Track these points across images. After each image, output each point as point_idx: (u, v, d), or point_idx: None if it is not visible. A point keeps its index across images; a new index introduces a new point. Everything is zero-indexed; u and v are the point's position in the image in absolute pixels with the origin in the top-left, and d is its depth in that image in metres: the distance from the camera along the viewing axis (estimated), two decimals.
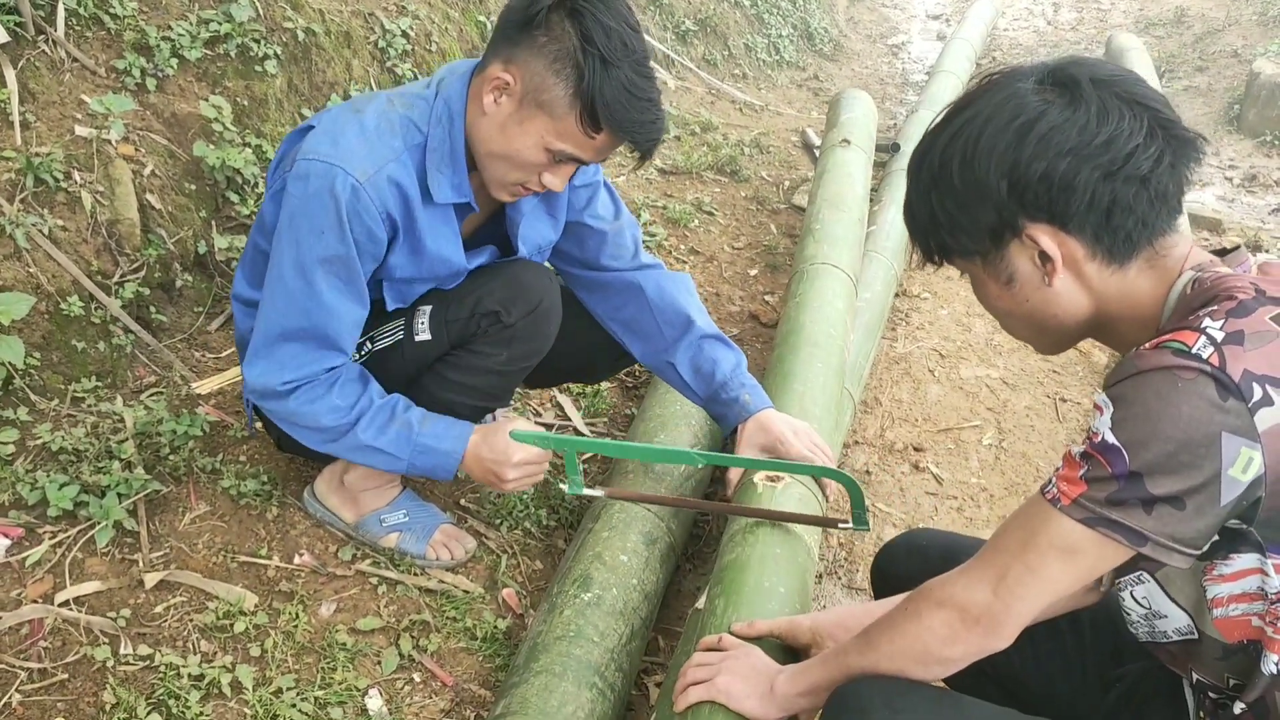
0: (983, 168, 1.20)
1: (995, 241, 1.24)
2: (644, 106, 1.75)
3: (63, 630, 1.91)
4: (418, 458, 1.97)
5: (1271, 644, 1.16)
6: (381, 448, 1.94)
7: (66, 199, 2.49)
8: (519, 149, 1.79)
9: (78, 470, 2.16)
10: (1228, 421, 1.06)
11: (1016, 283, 1.27)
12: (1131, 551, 1.13)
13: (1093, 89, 1.18)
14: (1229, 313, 1.11)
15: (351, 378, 1.94)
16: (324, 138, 1.81)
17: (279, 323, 1.88)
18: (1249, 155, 5.58)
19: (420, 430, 1.96)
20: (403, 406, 1.97)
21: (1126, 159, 1.16)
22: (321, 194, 1.78)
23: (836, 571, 2.51)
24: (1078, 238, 1.20)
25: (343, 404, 1.91)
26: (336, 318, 1.87)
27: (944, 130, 1.25)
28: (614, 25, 1.71)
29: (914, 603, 1.31)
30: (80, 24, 2.79)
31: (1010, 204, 1.20)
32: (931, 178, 1.26)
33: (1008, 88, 1.22)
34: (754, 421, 2.13)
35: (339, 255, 1.82)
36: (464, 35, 4.10)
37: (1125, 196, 1.17)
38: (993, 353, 3.48)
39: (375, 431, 1.93)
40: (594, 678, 1.82)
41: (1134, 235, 1.20)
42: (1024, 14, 8.58)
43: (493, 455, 1.99)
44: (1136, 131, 1.16)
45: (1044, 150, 1.17)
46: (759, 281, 3.84)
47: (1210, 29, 7.18)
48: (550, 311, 2.05)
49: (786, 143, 5.30)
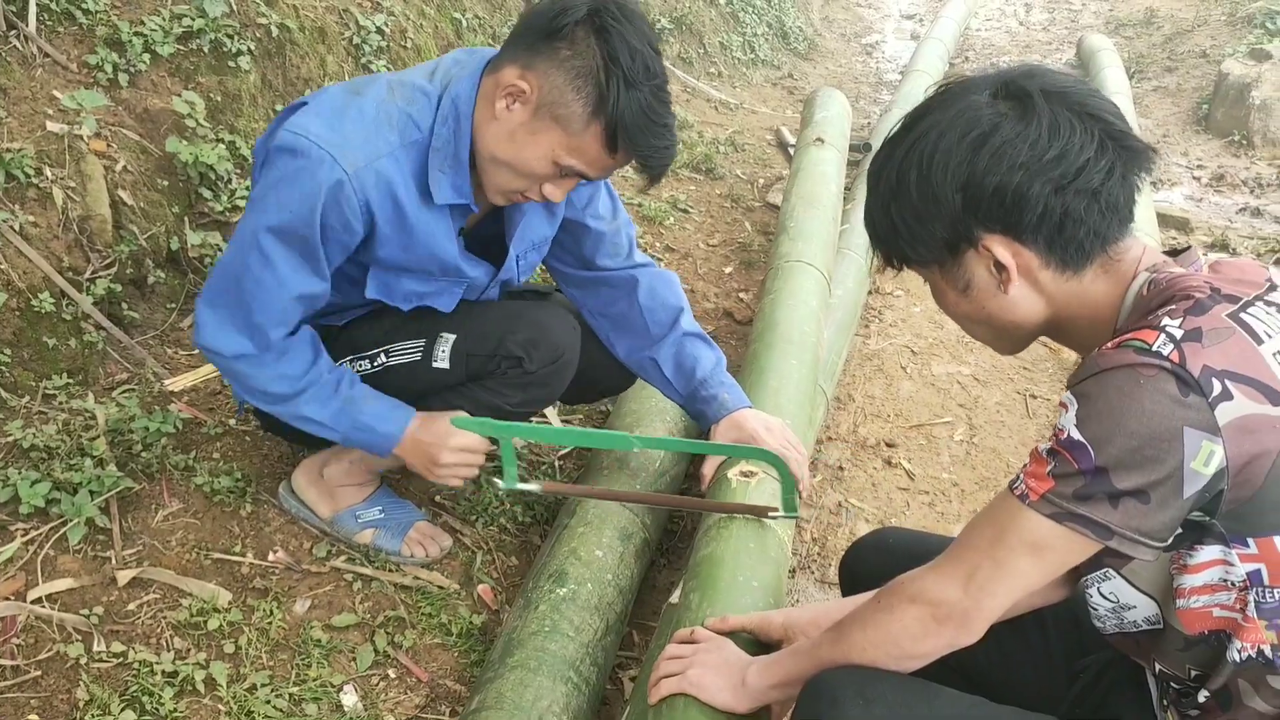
0: (938, 181, 1.23)
1: (952, 251, 1.28)
2: (660, 132, 1.75)
3: (35, 628, 1.91)
4: (355, 434, 1.97)
5: (1240, 631, 1.19)
6: (322, 420, 1.94)
7: (38, 195, 2.47)
8: (526, 159, 1.77)
9: (49, 467, 2.14)
10: (1189, 416, 1.09)
11: (974, 290, 1.30)
12: (1098, 545, 1.16)
13: (1045, 102, 1.20)
14: (1187, 311, 1.14)
15: (303, 346, 1.92)
16: (319, 118, 1.77)
17: (234, 290, 1.85)
18: (1217, 155, 5.65)
19: (362, 408, 1.96)
20: (348, 382, 1.97)
21: (1078, 173, 1.19)
22: (302, 174, 1.74)
23: (810, 566, 2.53)
24: (1032, 248, 1.24)
25: (291, 373, 1.90)
26: (285, 288, 1.83)
27: (900, 142, 1.28)
28: (639, 47, 1.69)
29: (886, 597, 1.33)
30: (52, 19, 2.77)
31: (965, 216, 1.24)
32: (890, 190, 1.29)
33: (962, 99, 1.24)
34: (728, 420, 2.15)
35: (300, 234, 1.79)
36: (439, 31, 4.09)
37: (1077, 209, 1.20)
38: (964, 349, 3.51)
39: (318, 405, 1.93)
40: (569, 672, 1.83)
41: (1086, 245, 1.23)
42: (996, 14, 8.65)
43: (430, 439, 1.98)
44: (1087, 145, 1.19)
45: (997, 164, 1.20)
46: (734, 279, 3.86)
47: (1179, 30, 7.26)
48: (570, 364, 2.07)
49: (761, 141, 5.32)
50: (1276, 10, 6.72)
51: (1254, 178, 5.31)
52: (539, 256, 2.16)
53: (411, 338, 2.04)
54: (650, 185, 1.87)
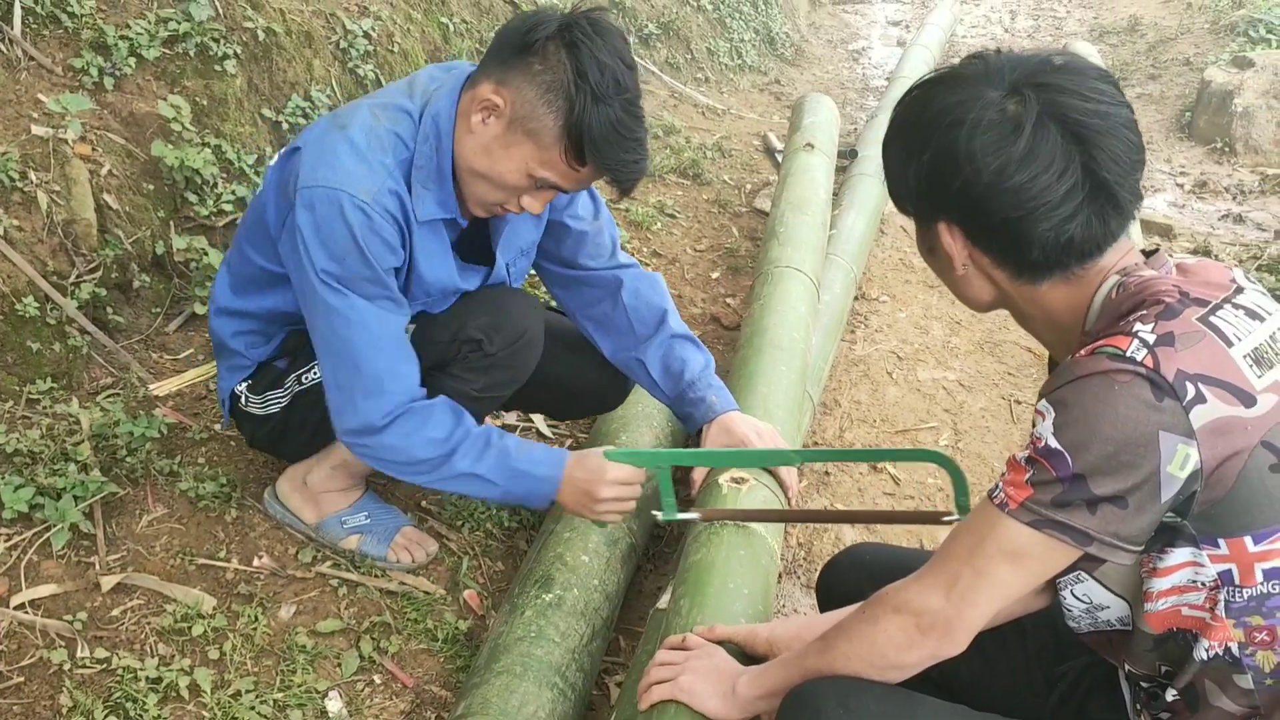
0: (919, 146, 1.26)
1: (919, 214, 1.32)
2: (629, 146, 1.76)
3: (18, 633, 1.90)
4: (513, 483, 1.93)
5: (1207, 630, 1.20)
6: (480, 474, 1.90)
7: (22, 199, 2.46)
8: (502, 172, 1.79)
9: (33, 472, 2.13)
10: (1164, 420, 1.10)
11: (935, 255, 1.34)
12: (1078, 552, 1.17)
13: (1037, 124, 1.19)
14: (1158, 316, 1.16)
15: (444, 410, 1.91)
16: (319, 162, 1.79)
17: (341, 361, 1.86)
18: (1199, 162, 5.69)
19: (516, 456, 1.93)
20: (497, 435, 1.94)
21: (1038, 207, 1.19)
22: (331, 220, 1.77)
23: (795, 571, 2.53)
24: (984, 252, 1.26)
25: (439, 435, 1.88)
26: (385, 337, 1.85)
27: (914, 95, 1.30)
28: (609, 61, 1.71)
29: (871, 608, 1.34)
30: (37, 22, 2.76)
31: (931, 193, 1.27)
32: (891, 134, 1.32)
33: (976, 86, 1.23)
34: (718, 423, 2.15)
35: (365, 275, 1.81)
36: (426, 36, 4.09)
37: (1030, 235, 1.21)
38: (949, 356, 3.53)
39: (473, 459, 1.90)
40: (555, 678, 1.83)
41: (1041, 267, 1.25)
42: (982, 21, 8.69)
43: (586, 475, 1.94)
44: (1060, 181, 1.18)
45: (969, 163, 1.21)
46: (721, 284, 3.87)
47: (1163, 37, 7.31)
48: (532, 343, 2.06)
49: (748, 146, 5.33)
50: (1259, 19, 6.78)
51: (1236, 184, 5.35)
52: (528, 262, 2.17)
53: None
54: (621, 198, 1.87)
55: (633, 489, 1.97)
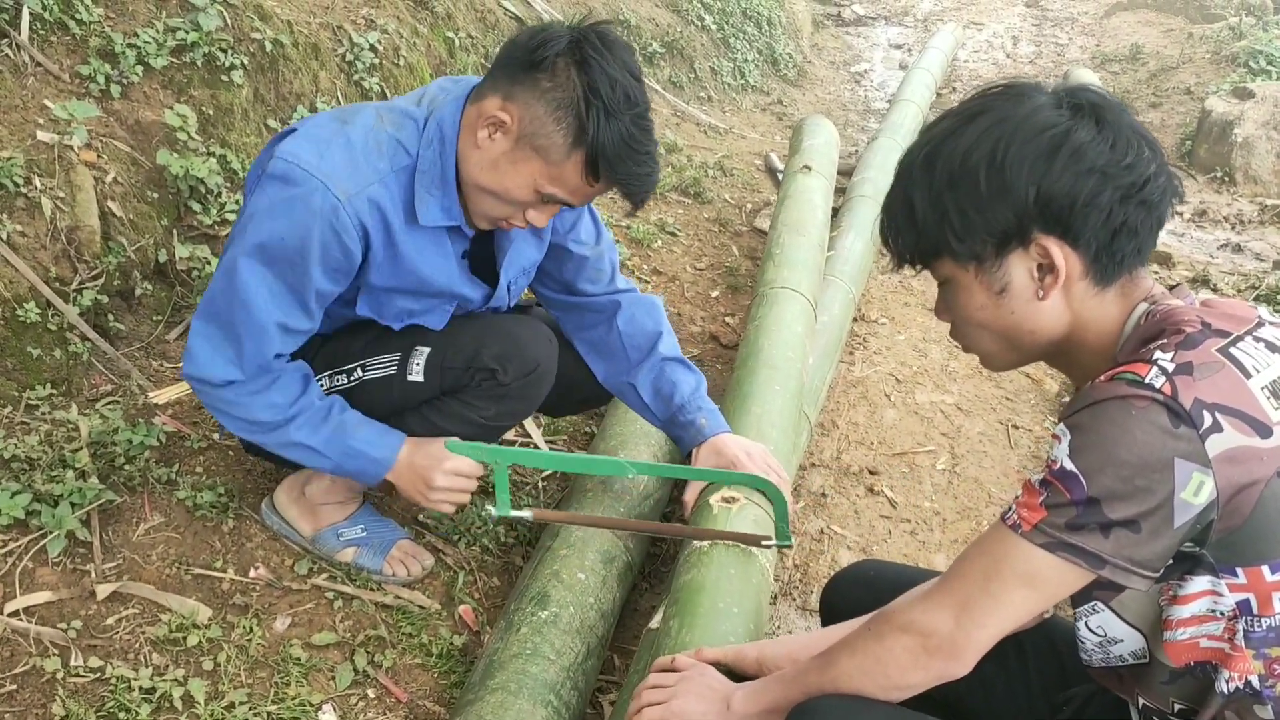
0: (1013, 173, 1.22)
1: (999, 249, 1.26)
2: (641, 160, 1.77)
3: (12, 641, 1.89)
4: (347, 460, 1.96)
5: (1228, 661, 1.20)
6: (313, 445, 1.93)
7: (26, 204, 2.47)
8: (509, 187, 1.80)
9: (30, 478, 2.13)
10: (1179, 447, 1.11)
11: (1008, 294, 1.28)
12: (1091, 575, 1.17)
13: (1114, 115, 1.23)
14: (1178, 345, 1.17)
15: (294, 376, 1.92)
16: (309, 146, 1.78)
17: (218, 318, 1.85)
18: (1199, 191, 5.72)
19: (353, 434, 1.95)
20: (339, 408, 1.96)
21: (1144, 184, 1.22)
22: (295, 203, 1.76)
23: (791, 593, 2.53)
24: (1081, 254, 1.24)
25: (281, 401, 1.90)
26: (267, 311, 1.83)
27: (962, 133, 1.25)
28: (619, 76, 1.71)
29: (877, 624, 1.33)
30: (45, 28, 2.77)
31: (1033, 211, 1.22)
32: (949, 178, 1.25)
33: (1031, 100, 1.24)
34: (709, 445, 2.15)
35: (288, 260, 1.79)
36: (431, 50, 4.11)
37: (1135, 220, 1.22)
38: (948, 379, 3.53)
39: (309, 430, 1.92)
40: (549, 695, 1.82)
41: (1126, 259, 1.25)
42: (984, 46, 8.74)
43: (424, 461, 1.98)
44: (1151, 160, 1.22)
45: (1074, 165, 1.21)
46: (720, 303, 3.88)
47: (1164, 66, 7.35)
48: (545, 376, 2.07)
49: (750, 166, 5.35)
50: (1259, 50, 6.82)
51: (1235, 214, 5.37)
52: (527, 281, 2.17)
53: (387, 351, 2.04)
54: (633, 211, 1.89)
55: (469, 481, 2.03)
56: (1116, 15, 8.94)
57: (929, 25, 9.10)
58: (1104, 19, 9.01)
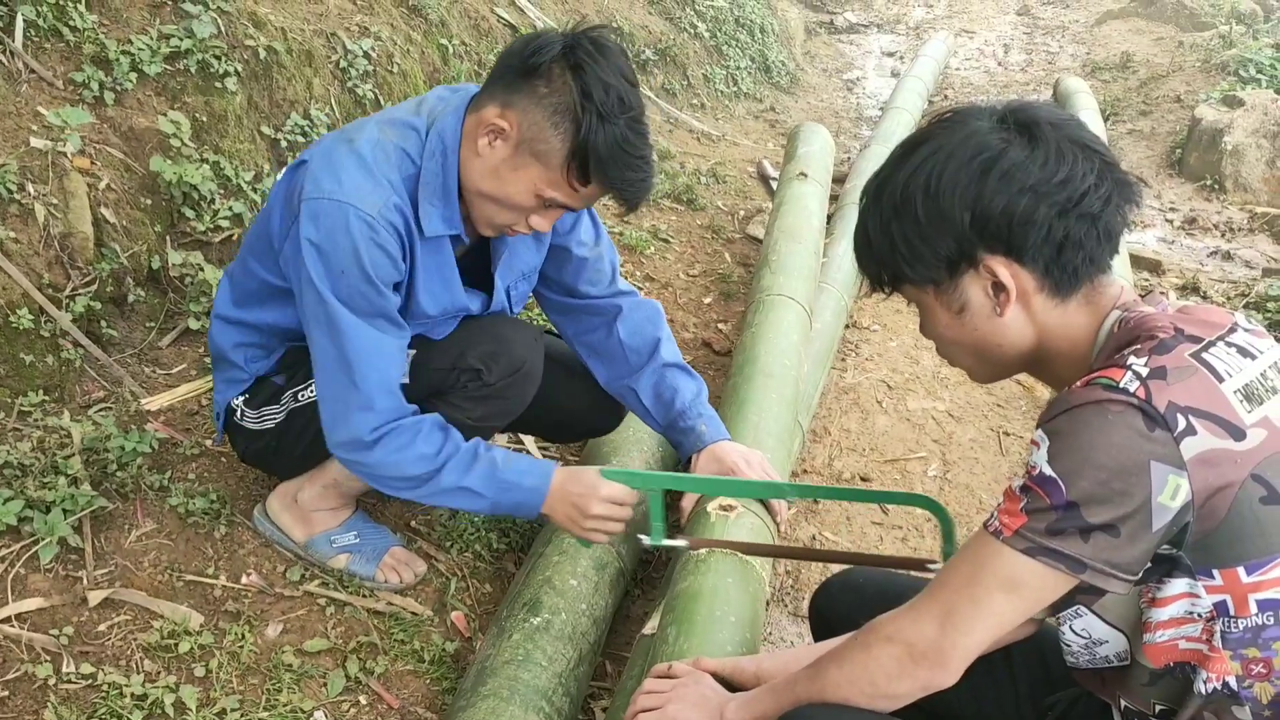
0: (947, 200, 1.26)
1: (951, 271, 1.30)
2: (636, 164, 1.78)
3: (3, 647, 1.89)
4: (503, 495, 1.94)
5: (1206, 662, 1.22)
6: (469, 486, 1.91)
7: (19, 211, 2.47)
8: (510, 194, 1.81)
9: (22, 485, 2.13)
10: (1155, 450, 1.13)
11: (968, 312, 1.32)
12: (1073, 580, 1.18)
13: (1050, 131, 1.25)
14: (1151, 350, 1.19)
15: (434, 427, 1.92)
16: (325, 174, 1.81)
17: (335, 375, 1.87)
18: (1189, 199, 5.74)
19: (504, 468, 1.93)
20: (484, 447, 1.95)
21: (1081, 198, 1.23)
22: (335, 233, 1.78)
23: (783, 599, 2.54)
24: (1030, 270, 1.27)
25: (429, 451, 1.89)
26: (380, 355, 1.86)
27: (904, 163, 1.30)
28: (613, 81, 1.73)
29: (864, 635, 1.34)
30: (39, 35, 2.77)
31: (971, 235, 1.26)
32: (893, 208, 1.30)
33: (967, 125, 1.28)
34: (707, 452, 2.16)
35: (364, 290, 1.82)
36: (425, 57, 4.12)
37: (1077, 233, 1.24)
38: (939, 386, 3.54)
39: (461, 472, 1.91)
40: (541, 702, 1.83)
41: (1080, 271, 1.27)
42: (975, 54, 8.76)
43: (580, 489, 1.93)
44: (1089, 173, 1.24)
45: (1006, 186, 1.23)
46: (713, 309, 3.89)
47: (1155, 74, 7.38)
48: (531, 375, 2.07)
49: (742, 173, 5.37)
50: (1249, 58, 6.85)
51: (1225, 222, 5.40)
52: (529, 286, 2.18)
53: None
54: (628, 214, 1.90)
55: (624, 510, 1.97)
56: (1107, 24, 8.97)
57: (921, 33, 9.12)
58: (1095, 27, 9.04)
